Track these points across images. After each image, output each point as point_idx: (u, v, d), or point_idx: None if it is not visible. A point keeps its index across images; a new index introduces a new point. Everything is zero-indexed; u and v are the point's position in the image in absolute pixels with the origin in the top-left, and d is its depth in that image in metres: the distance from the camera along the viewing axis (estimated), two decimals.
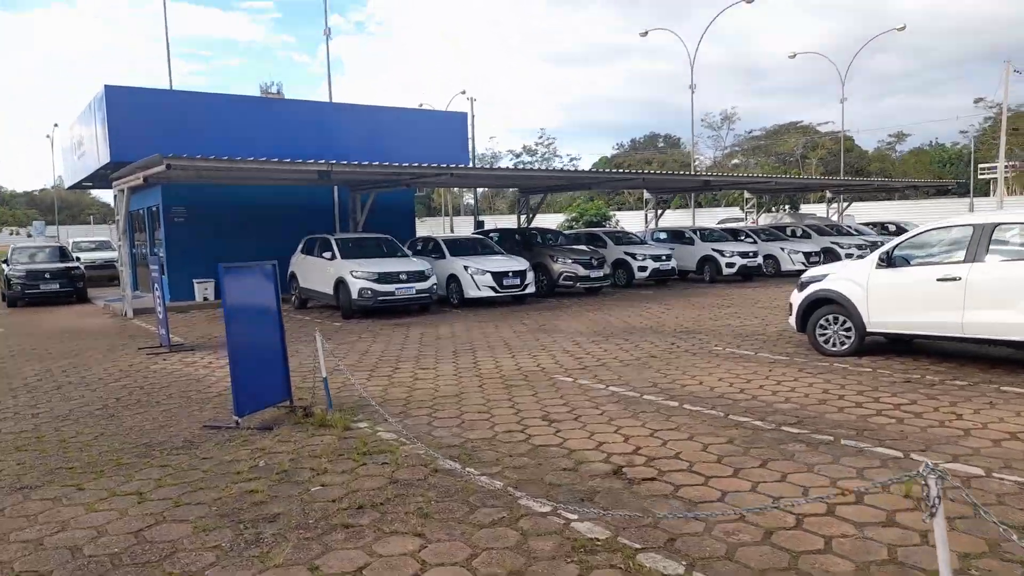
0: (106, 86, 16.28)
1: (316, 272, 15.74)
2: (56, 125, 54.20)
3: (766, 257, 21.50)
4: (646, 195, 24.58)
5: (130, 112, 16.63)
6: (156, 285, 11.14)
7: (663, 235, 22.90)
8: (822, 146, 64.14)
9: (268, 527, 4.22)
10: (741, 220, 39.87)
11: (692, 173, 20.90)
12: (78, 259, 21.96)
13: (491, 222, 39.92)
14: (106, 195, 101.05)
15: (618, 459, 5.23)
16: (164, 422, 6.75)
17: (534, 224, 23.08)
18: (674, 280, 20.81)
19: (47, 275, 19.66)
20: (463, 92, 45.44)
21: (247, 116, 18.17)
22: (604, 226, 37.71)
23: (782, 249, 22.04)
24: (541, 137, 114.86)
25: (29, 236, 47.92)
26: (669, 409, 6.60)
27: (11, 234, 56.71)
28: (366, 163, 14.21)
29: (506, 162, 76.74)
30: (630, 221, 49.59)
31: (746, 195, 31.85)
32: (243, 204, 18.58)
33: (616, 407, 6.73)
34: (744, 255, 20.61)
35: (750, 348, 9.75)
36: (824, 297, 9.06)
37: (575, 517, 4.19)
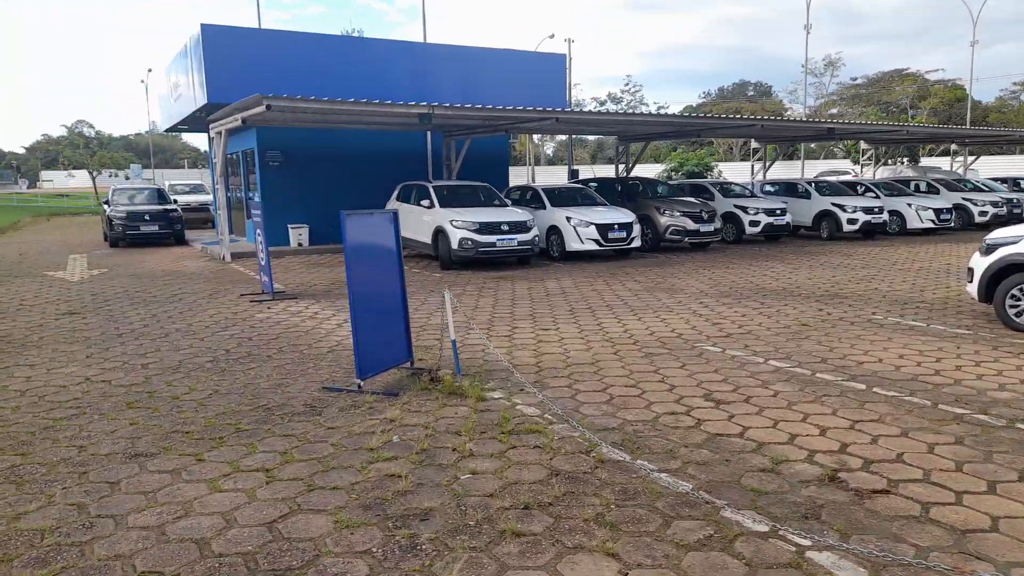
0: (202, 25, 15.84)
1: (413, 221, 15.10)
2: (150, 70, 55.47)
3: (890, 213, 19.58)
4: (754, 144, 22.76)
5: (226, 52, 16.17)
6: (259, 231, 10.67)
7: (772, 188, 21.20)
8: (934, 94, 59.01)
9: (423, 528, 3.50)
10: (847, 173, 37.06)
11: (815, 120, 18.95)
12: (175, 201, 22.13)
13: (584, 172, 38.45)
14: (196, 139, 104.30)
15: (825, 459, 4.28)
16: (279, 380, 6.19)
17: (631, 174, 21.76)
18: (786, 237, 19.24)
19: (147, 216, 19.83)
20: (551, 36, 43.47)
21: (340, 57, 17.46)
22: (705, 177, 35.66)
23: (909, 205, 20.02)
24: (627, 84, 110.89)
25: (127, 179, 49.63)
26: (857, 393, 5.56)
27: (110, 176, 59.01)
28: (468, 105, 13.31)
29: (590, 109, 74.27)
30: (730, 172, 47.19)
31: (863, 146, 29.13)
32: (336, 149, 18.07)
33: (789, 388, 5.73)
34: (868, 211, 18.78)
35: (916, 318, 8.48)
36: (1018, 263, 7.67)
37: (808, 543, 3.29)
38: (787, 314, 8.86)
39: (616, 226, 14.81)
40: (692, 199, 17.59)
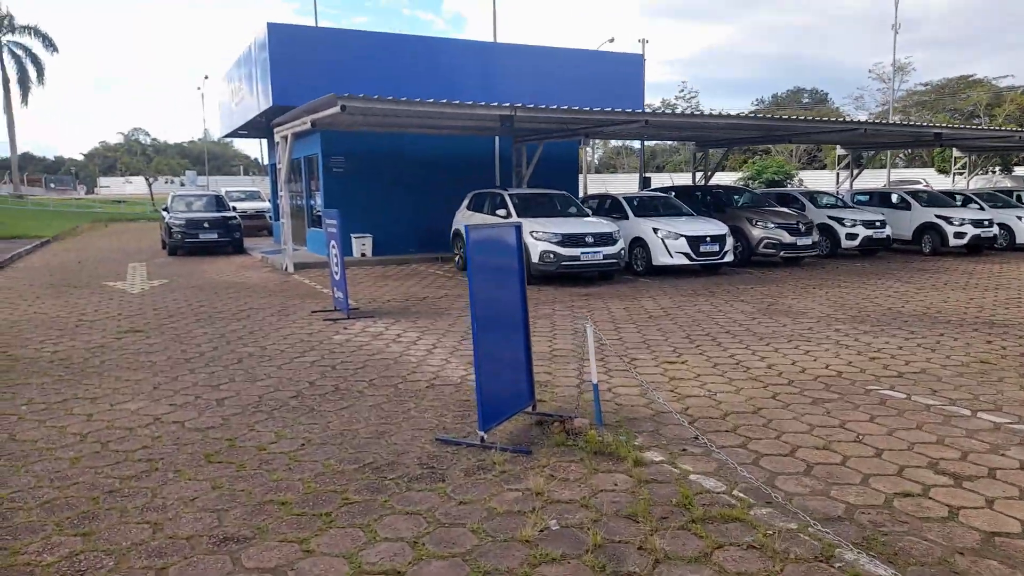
0: (269, 24, 15.15)
1: None
2: (207, 77, 56.14)
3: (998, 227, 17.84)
4: (839, 151, 21.17)
5: (291, 53, 15.45)
6: (334, 243, 9.76)
7: (863, 197, 19.63)
8: (1011, 100, 55.85)
9: None
10: (917, 182, 34.85)
11: (922, 124, 17.38)
12: (234, 208, 21.60)
13: (625, 181, 36.87)
14: (249, 146, 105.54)
15: None
16: (379, 426, 5.16)
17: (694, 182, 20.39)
18: (882, 251, 17.67)
19: (206, 224, 19.29)
20: (611, 40, 42.10)
21: (408, 58, 16.60)
22: (785, 186, 33.94)
23: (1019, 218, 18.26)
24: (682, 91, 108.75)
25: (182, 185, 50.02)
26: None
27: (166, 182, 59.77)
28: (553, 107, 12.24)
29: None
30: (811, 181, 45.24)
31: (955, 154, 27.12)
32: (400, 156, 17.23)
33: None
34: (977, 224, 17.12)
35: None
36: None
37: None
38: (951, 347, 7.52)
39: (708, 238, 13.56)
40: (785, 209, 16.20)
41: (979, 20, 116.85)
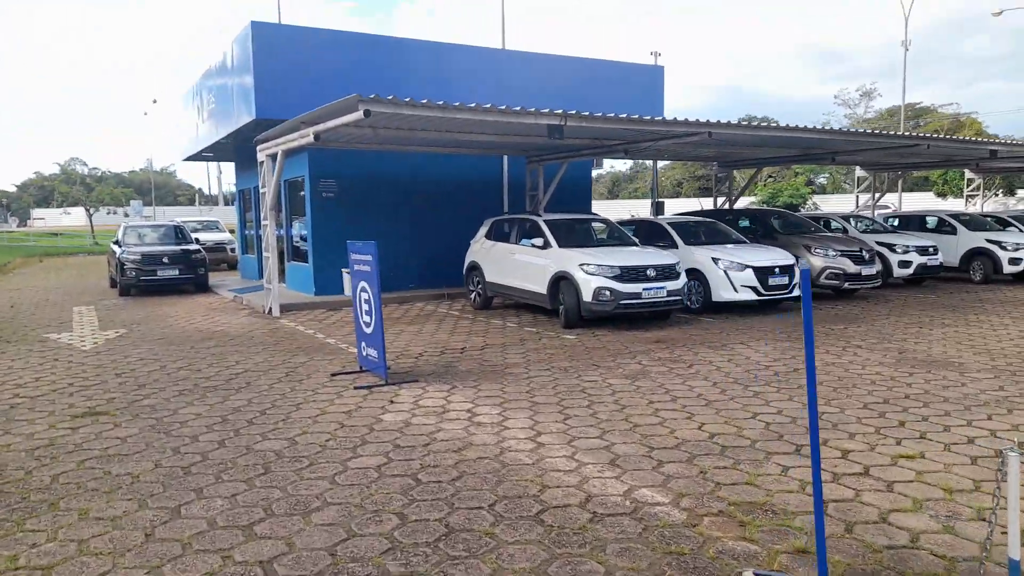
0: (252, 23, 12.77)
1: (513, 264, 11.93)
2: (155, 101, 52.76)
3: None
4: (859, 173, 19.85)
5: (278, 58, 13.10)
6: (366, 285, 7.43)
7: (895, 221, 18.20)
8: (969, 126, 56.86)
9: None
10: (888, 207, 34.03)
11: (977, 140, 15.95)
12: (197, 240, 18.88)
13: (619, 207, 35.13)
14: (193, 176, 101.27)
15: None
16: None
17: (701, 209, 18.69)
18: (929, 279, 16.17)
19: (164, 259, 16.54)
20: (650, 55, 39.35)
21: (409, 64, 14.42)
22: (799, 210, 32.66)
23: None
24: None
25: (126, 216, 46.38)
26: None
27: (108, 213, 55.68)
28: (611, 115, 10.20)
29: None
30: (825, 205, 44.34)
31: (967, 175, 26.10)
32: (396, 178, 14.98)
33: None
34: None
35: None
36: None
37: None
38: None
39: (777, 269, 11.66)
40: (844, 236, 14.50)
41: (895, 53, 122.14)
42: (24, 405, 6.60)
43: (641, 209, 36.26)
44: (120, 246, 16.98)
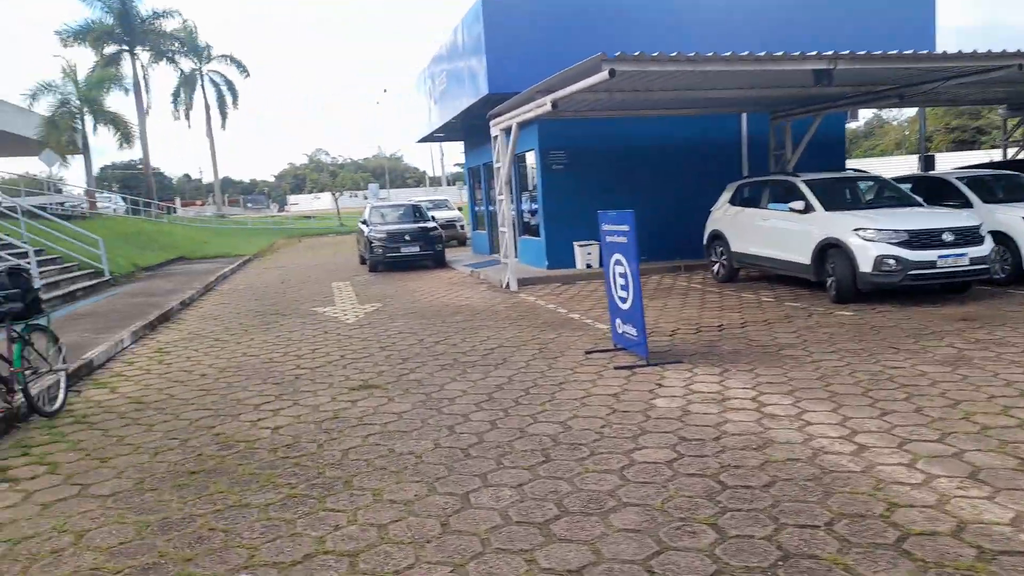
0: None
1: (766, 232, 10.73)
2: (386, 90, 56.91)
3: None
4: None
5: (507, 31, 12.98)
6: (619, 256, 6.90)
7: None
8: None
9: None
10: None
11: None
12: (433, 218, 19.77)
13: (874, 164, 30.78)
14: (417, 159, 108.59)
15: None
16: None
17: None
18: None
19: (406, 236, 17.47)
20: None
21: (638, 18, 13.54)
22: None
23: None
24: None
25: (365, 199, 50.70)
26: None
27: (350, 196, 61.54)
28: (892, 52, 8.61)
29: None
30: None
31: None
32: (622, 146, 14.29)
33: None
34: None
35: None
36: None
37: None
38: None
39: None
40: None
41: None
42: (306, 376, 6.99)
43: (886, 168, 31.73)
44: (368, 225, 18.25)
